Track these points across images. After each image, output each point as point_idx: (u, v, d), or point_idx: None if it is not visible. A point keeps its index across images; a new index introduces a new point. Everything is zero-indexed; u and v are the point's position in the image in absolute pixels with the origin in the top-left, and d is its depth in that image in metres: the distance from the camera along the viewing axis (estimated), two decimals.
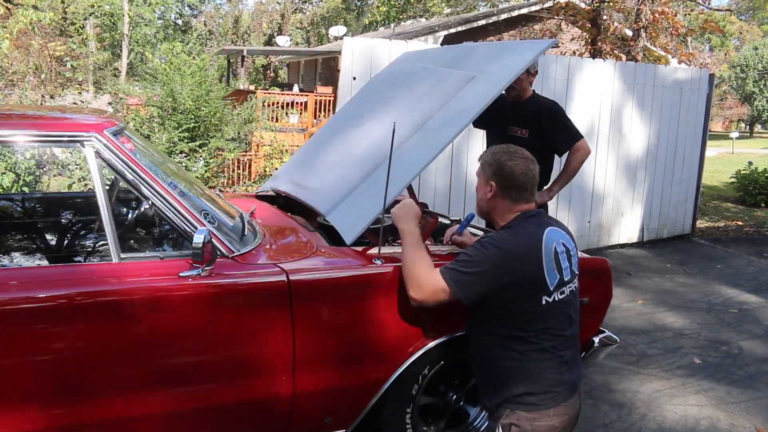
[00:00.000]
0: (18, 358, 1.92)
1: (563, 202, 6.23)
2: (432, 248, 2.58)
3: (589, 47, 10.58)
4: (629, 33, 10.48)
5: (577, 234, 6.35)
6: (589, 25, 10.49)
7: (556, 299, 2.01)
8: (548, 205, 3.65)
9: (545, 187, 3.54)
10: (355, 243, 2.50)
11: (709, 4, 12.55)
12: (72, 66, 11.58)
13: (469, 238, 2.57)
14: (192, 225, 2.17)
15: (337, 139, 3.31)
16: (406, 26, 23.38)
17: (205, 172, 7.12)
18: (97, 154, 2.13)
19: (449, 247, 2.61)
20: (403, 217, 2.29)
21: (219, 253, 2.18)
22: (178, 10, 33.12)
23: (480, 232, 2.92)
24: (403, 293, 2.17)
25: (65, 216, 3.35)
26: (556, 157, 3.64)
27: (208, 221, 2.24)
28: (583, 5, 11.22)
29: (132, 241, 3.05)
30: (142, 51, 25.21)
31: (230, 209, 2.64)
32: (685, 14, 15.63)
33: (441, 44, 12.18)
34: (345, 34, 20.53)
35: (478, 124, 3.60)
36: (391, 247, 2.54)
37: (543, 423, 1.97)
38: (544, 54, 4.31)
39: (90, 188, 5.30)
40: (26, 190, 5.87)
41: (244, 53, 19.81)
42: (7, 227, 3.21)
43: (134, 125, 7.44)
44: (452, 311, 2.12)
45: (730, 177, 11.56)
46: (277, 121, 13.12)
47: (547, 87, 5.81)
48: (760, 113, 35.45)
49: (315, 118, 14.77)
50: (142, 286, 2.04)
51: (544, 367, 2.00)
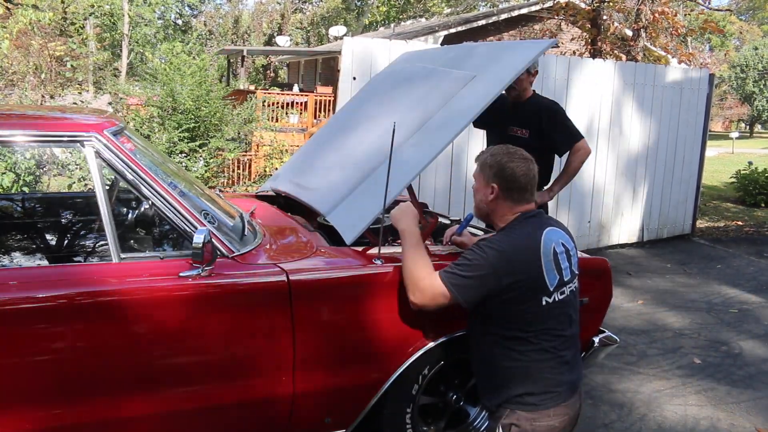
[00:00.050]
0: (18, 358, 1.92)
1: (563, 202, 6.23)
2: (432, 248, 2.58)
3: (589, 47, 10.58)
4: (629, 33, 10.48)
5: (577, 234, 6.35)
6: (589, 25, 10.49)
7: (556, 299, 2.01)
8: (548, 205, 3.65)
9: (545, 187, 3.54)
10: (355, 243, 2.50)
11: (709, 4, 12.55)
12: (72, 66, 11.57)
13: (469, 239, 2.57)
14: (192, 225, 2.17)
15: (337, 139, 3.31)
16: (406, 26, 23.38)
17: (205, 172, 7.12)
18: (97, 154, 2.13)
19: (449, 248, 2.61)
20: (402, 218, 2.29)
21: (219, 253, 2.18)
22: (178, 10, 33.13)
23: (480, 232, 2.92)
24: (403, 293, 2.17)
25: (65, 216, 3.35)
26: (557, 157, 3.64)
27: (208, 221, 2.24)
28: (583, 5, 11.22)
29: (132, 241, 3.05)
30: (142, 51, 25.21)
31: (230, 209, 2.64)
32: (685, 14, 15.63)
33: (441, 44, 12.18)
34: (345, 34, 20.53)
35: (478, 124, 3.60)
36: (391, 247, 2.54)
37: (543, 423, 1.97)
38: (544, 54, 4.31)
39: (90, 188, 5.30)
40: (26, 190, 5.87)
41: (244, 53, 19.82)
42: (7, 227, 3.21)
43: (134, 125, 7.44)
44: (452, 312, 2.12)
45: (730, 177, 11.56)
46: (277, 121, 13.11)
47: (547, 87, 5.81)
48: (760, 113, 35.46)
49: (315, 118, 14.77)
50: (142, 286, 2.04)
51: (545, 368, 2.00)
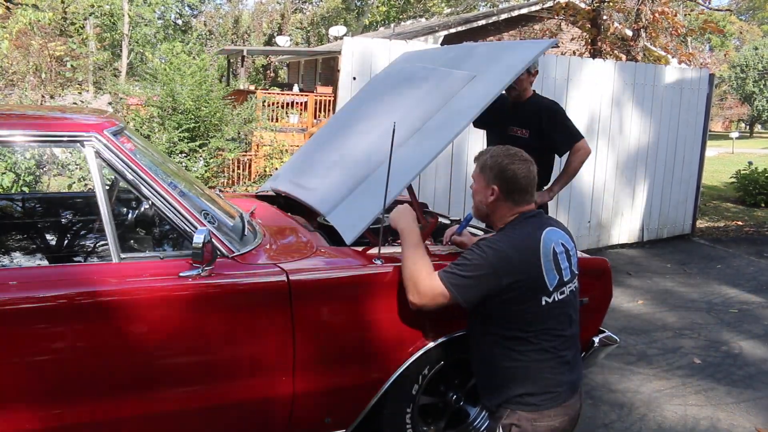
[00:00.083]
0: (18, 358, 1.92)
1: (563, 202, 6.23)
2: (432, 248, 2.58)
3: (589, 47, 10.58)
4: (629, 33, 10.48)
5: (577, 234, 6.34)
6: (589, 25, 10.49)
7: (556, 299, 2.01)
8: (548, 205, 3.65)
9: (545, 188, 3.53)
10: (355, 243, 2.50)
11: (709, 4, 12.55)
12: (72, 66, 11.57)
13: (469, 238, 2.57)
14: (192, 225, 2.17)
15: (337, 139, 3.31)
16: (406, 26, 23.38)
17: (205, 172, 7.12)
18: (97, 154, 2.13)
19: (449, 248, 2.61)
20: (401, 218, 2.29)
21: (219, 253, 2.18)
22: (178, 10, 33.12)
23: (480, 232, 2.92)
24: (403, 293, 2.17)
25: (65, 216, 3.34)
26: (557, 157, 3.64)
27: (208, 221, 2.24)
28: (583, 5, 11.23)
29: (132, 241, 3.05)
30: (142, 51, 25.21)
31: (230, 209, 2.64)
32: (685, 14, 15.63)
33: (441, 44, 12.18)
34: (345, 34, 20.53)
35: (478, 124, 3.60)
36: (391, 247, 2.54)
37: (543, 423, 1.97)
38: (544, 54, 4.31)
39: (90, 188, 5.30)
40: (26, 190, 5.87)
41: (244, 53, 19.82)
42: (7, 227, 3.20)
43: (134, 125, 7.44)
44: (452, 312, 2.12)
45: (730, 177, 11.56)
46: (277, 121, 13.11)
47: (547, 87, 5.81)
48: (760, 113, 35.46)
49: (315, 118, 14.77)
50: (142, 286, 2.04)
51: (545, 368, 2.00)
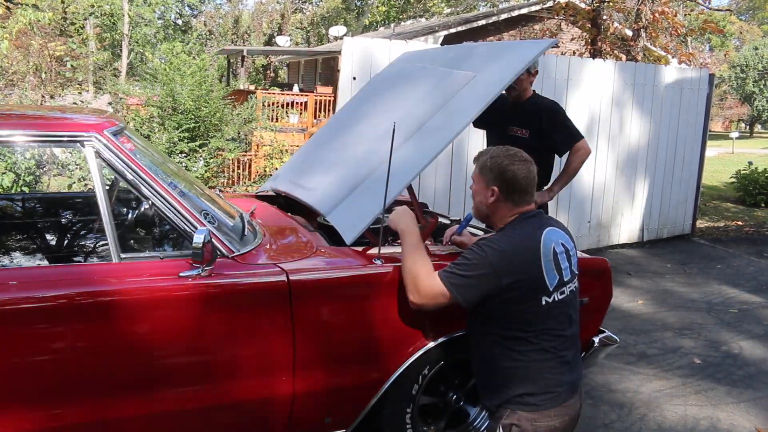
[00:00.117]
0: (18, 358, 1.92)
1: (563, 202, 6.23)
2: (432, 248, 2.58)
3: (589, 47, 10.58)
4: (629, 33, 10.48)
5: (577, 234, 6.35)
6: (589, 25, 10.49)
7: (556, 299, 2.01)
8: (548, 205, 3.65)
9: (545, 188, 3.53)
10: (355, 243, 2.50)
11: (709, 4, 12.55)
12: (72, 66, 11.58)
13: (469, 238, 2.57)
14: (192, 225, 2.17)
15: (337, 139, 3.31)
16: (406, 26, 23.38)
17: (205, 172, 7.12)
18: (97, 154, 2.13)
19: (449, 248, 2.61)
20: (400, 219, 2.30)
21: (219, 253, 2.18)
22: (178, 10, 33.13)
23: (480, 232, 2.92)
24: (403, 293, 2.17)
25: (65, 216, 3.34)
26: (557, 157, 3.64)
27: (208, 221, 2.24)
28: (583, 5, 11.22)
29: (132, 241, 3.05)
30: (142, 51, 25.22)
31: (230, 209, 2.64)
32: (685, 14, 15.63)
33: (441, 44, 12.18)
34: (345, 34, 20.53)
35: (478, 124, 3.60)
36: (391, 247, 2.54)
37: (544, 423, 1.97)
38: (544, 54, 4.31)
39: (90, 188, 5.30)
40: (26, 190, 5.87)
41: (244, 53, 19.82)
42: (7, 227, 3.20)
43: (134, 125, 7.44)
44: (452, 312, 2.12)
45: (730, 177, 11.56)
46: (277, 121, 13.11)
47: (547, 87, 5.81)
48: (760, 113, 35.47)
49: (315, 118, 14.77)
50: (142, 286, 2.04)
51: (545, 368, 2.00)
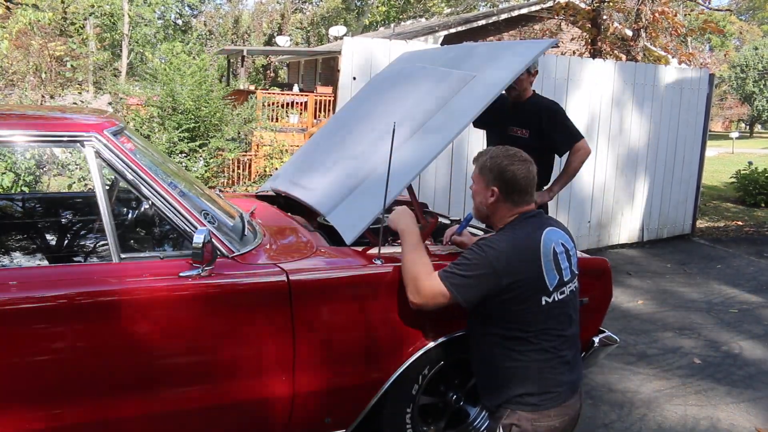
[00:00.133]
0: (18, 358, 1.92)
1: (563, 202, 6.23)
2: (432, 248, 2.58)
3: (589, 47, 10.58)
4: (629, 33, 10.48)
5: (577, 234, 6.35)
6: (589, 25, 10.49)
7: (556, 299, 2.01)
8: (548, 205, 3.65)
9: (545, 188, 3.53)
10: (355, 243, 2.50)
11: (709, 4, 12.55)
12: (72, 66, 11.58)
13: (469, 238, 2.57)
14: (192, 225, 2.17)
15: (337, 139, 3.31)
16: (406, 26, 23.39)
17: (205, 172, 7.12)
18: (97, 154, 2.13)
19: (449, 248, 2.61)
20: (400, 218, 2.30)
21: (219, 253, 2.18)
22: (178, 10, 33.14)
23: (480, 232, 2.92)
24: (403, 293, 2.17)
25: (65, 216, 3.34)
26: (556, 157, 3.64)
27: (208, 221, 2.24)
28: (583, 5, 11.22)
29: (132, 241, 3.05)
30: (142, 51, 25.22)
31: (230, 209, 2.64)
32: (685, 14, 15.63)
33: (441, 44, 12.18)
34: (345, 34, 20.53)
35: (478, 124, 3.60)
36: (391, 247, 2.54)
37: (544, 423, 1.97)
38: (544, 54, 4.31)
39: (90, 188, 5.30)
40: (26, 190, 5.87)
41: (244, 53, 19.82)
42: (7, 227, 3.20)
43: (134, 125, 7.44)
44: (452, 312, 2.12)
45: (730, 177, 11.56)
46: (277, 121, 13.11)
47: (547, 87, 5.81)
48: (760, 113, 35.46)
49: (315, 118, 14.78)
50: (142, 286, 2.04)
51: (545, 368, 2.00)
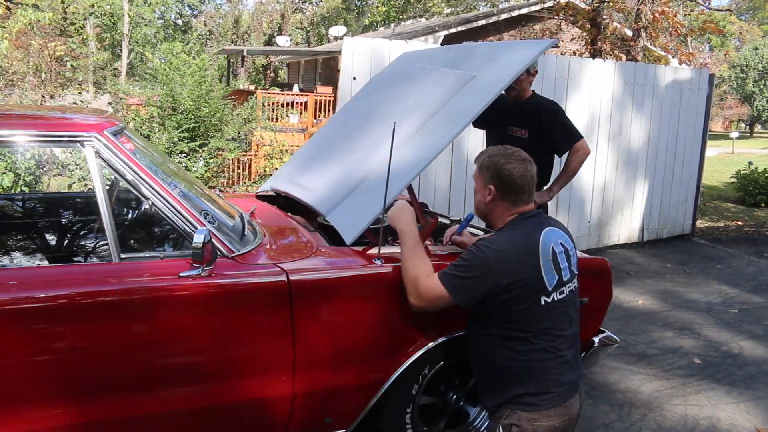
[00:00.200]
0: (18, 358, 1.92)
1: (563, 202, 6.23)
2: (432, 248, 2.58)
3: (589, 47, 10.58)
4: (629, 33, 10.48)
5: (577, 234, 6.35)
6: (589, 25, 10.49)
7: (556, 299, 2.01)
8: (548, 205, 3.65)
9: (545, 188, 3.54)
10: (355, 243, 2.50)
11: (709, 4, 12.54)
12: (72, 66, 11.59)
13: (469, 238, 2.57)
14: (192, 225, 2.17)
15: (337, 139, 3.31)
16: (406, 26, 23.39)
17: (205, 172, 7.12)
18: (97, 154, 2.13)
19: (449, 248, 2.61)
20: (399, 217, 2.29)
21: (219, 253, 2.18)
22: (178, 10, 33.15)
23: (480, 232, 2.92)
24: (403, 293, 2.17)
25: (65, 216, 3.34)
26: (556, 157, 3.64)
27: (208, 221, 2.24)
28: (583, 5, 11.23)
29: (132, 241, 3.05)
30: (142, 51, 25.22)
31: (230, 209, 2.64)
32: (685, 14, 15.63)
33: (441, 44, 12.18)
34: (345, 34, 20.53)
35: (478, 124, 3.60)
36: (391, 247, 2.54)
37: (544, 423, 1.97)
38: (544, 54, 4.31)
39: (90, 188, 5.30)
40: (26, 190, 5.87)
41: (244, 53, 19.83)
42: (7, 227, 3.20)
43: (134, 125, 7.45)
44: (452, 312, 2.12)
45: (730, 177, 11.56)
46: (277, 121, 13.12)
47: (547, 87, 5.81)
48: (760, 113, 35.46)
49: (315, 118, 14.78)
50: (142, 286, 2.04)
51: (545, 368, 2.00)
